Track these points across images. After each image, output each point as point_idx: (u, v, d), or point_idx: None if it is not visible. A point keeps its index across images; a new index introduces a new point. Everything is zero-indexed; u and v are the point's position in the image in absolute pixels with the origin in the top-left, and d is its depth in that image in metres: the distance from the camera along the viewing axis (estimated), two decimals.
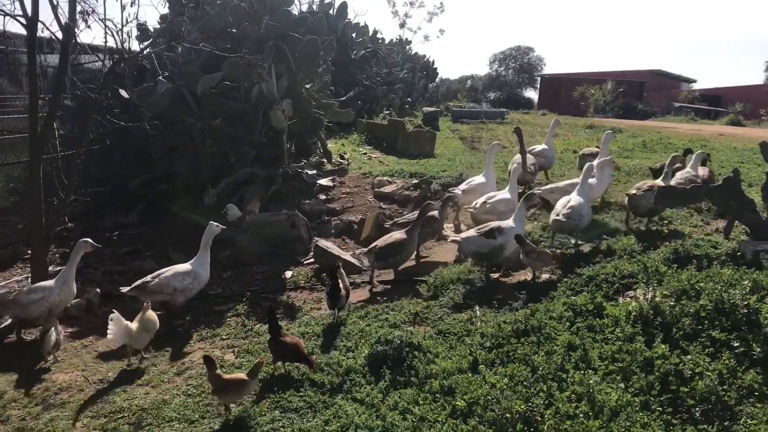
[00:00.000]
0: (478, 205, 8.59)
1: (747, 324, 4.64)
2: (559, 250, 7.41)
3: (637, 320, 5.04)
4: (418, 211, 7.92)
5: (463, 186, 9.79)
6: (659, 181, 7.82)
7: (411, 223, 7.89)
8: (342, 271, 6.66)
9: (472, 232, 7.15)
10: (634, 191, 7.77)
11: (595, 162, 8.99)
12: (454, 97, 49.51)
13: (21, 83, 9.95)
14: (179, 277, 6.82)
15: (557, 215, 7.48)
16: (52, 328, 6.11)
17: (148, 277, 6.79)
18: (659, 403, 4.12)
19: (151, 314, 5.99)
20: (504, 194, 8.55)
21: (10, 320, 6.81)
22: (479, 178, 9.68)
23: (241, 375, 4.81)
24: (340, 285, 6.32)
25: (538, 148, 11.30)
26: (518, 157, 10.32)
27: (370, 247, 7.69)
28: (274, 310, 5.53)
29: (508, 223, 7.09)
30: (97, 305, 7.67)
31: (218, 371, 4.76)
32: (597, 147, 10.60)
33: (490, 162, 9.79)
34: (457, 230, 9.28)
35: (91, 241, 6.96)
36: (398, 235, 7.62)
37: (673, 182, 8.08)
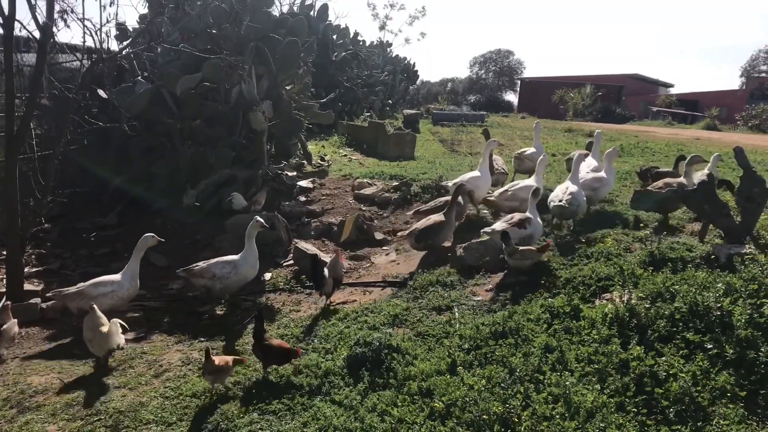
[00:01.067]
0: (498, 193, 8.88)
1: (720, 326, 4.71)
2: (548, 239, 7.53)
3: (613, 322, 5.10)
4: (447, 198, 8.56)
5: (457, 180, 9.90)
6: (682, 179, 7.94)
7: (433, 209, 8.56)
8: (336, 261, 7.01)
9: (503, 224, 7.37)
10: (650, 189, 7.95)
11: (606, 153, 9.06)
12: (435, 99, 49.62)
13: None
14: (220, 265, 7.09)
15: (559, 201, 7.73)
16: (12, 322, 6.09)
17: (197, 263, 7.18)
18: (634, 404, 4.17)
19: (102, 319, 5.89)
20: (529, 182, 8.79)
21: None
22: (474, 173, 9.83)
23: (228, 358, 5.09)
24: (325, 271, 6.74)
25: (528, 151, 11.36)
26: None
27: (410, 229, 8.24)
28: (262, 315, 5.51)
29: (532, 214, 7.39)
30: None
31: (213, 358, 4.92)
32: (587, 150, 10.68)
33: (486, 157, 9.95)
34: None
35: (155, 236, 7.12)
36: (437, 217, 8.05)
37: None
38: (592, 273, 6.20)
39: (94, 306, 5.90)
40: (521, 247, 6.73)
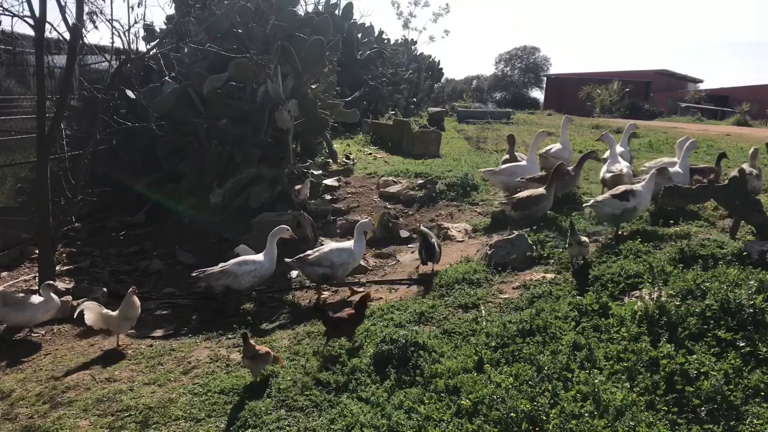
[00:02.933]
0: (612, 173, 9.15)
1: (753, 324, 4.63)
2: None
3: (642, 320, 5.04)
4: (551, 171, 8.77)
5: (504, 166, 10.29)
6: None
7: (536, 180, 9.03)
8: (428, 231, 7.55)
9: (607, 195, 7.51)
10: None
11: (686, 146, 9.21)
12: (460, 97, 49.50)
13: (28, 84, 10.03)
14: (337, 252, 7.39)
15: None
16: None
17: (309, 252, 7.50)
18: (665, 403, 4.12)
19: (133, 303, 6.48)
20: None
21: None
22: (521, 162, 10.21)
23: (267, 348, 5.29)
24: (433, 241, 7.31)
25: (555, 148, 11.28)
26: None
27: (510, 198, 8.62)
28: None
29: (639, 186, 7.46)
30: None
31: (252, 343, 5.15)
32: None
33: (533, 147, 10.30)
34: None
35: (289, 229, 7.60)
36: (538, 189, 8.42)
37: None
38: (620, 270, 6.13)
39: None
40: (583, 238, 6.79)
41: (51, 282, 6.92)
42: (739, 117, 32.55)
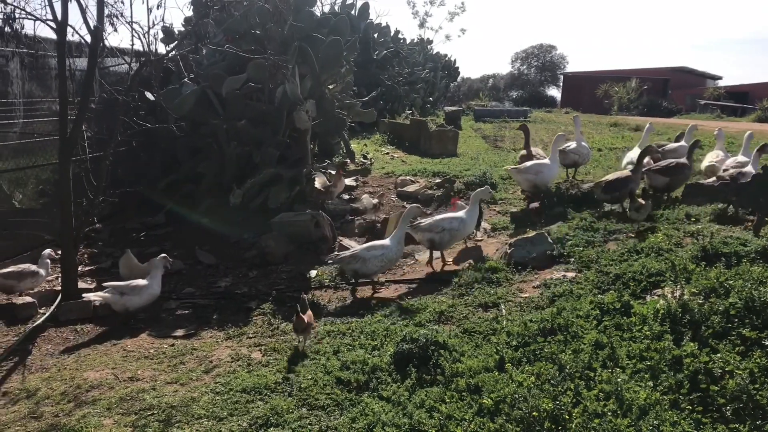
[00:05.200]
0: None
1: None
2: None
3: (665, 318, 4.99)
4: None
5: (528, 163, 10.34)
6: None
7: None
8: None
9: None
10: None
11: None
12: (476, 96, 49.36)
13: (50, 87, 10.12)
14: (448, 220, 7.84)
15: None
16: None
17: (422, 220, 8.01)
18: (689, 402, 4.08)
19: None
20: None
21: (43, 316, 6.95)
22: (544, 161, 10.38)
23: (310, 315, 5.90)
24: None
25: (572, 145, 11.25)
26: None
27: (597, 181, 8.87)
28: None
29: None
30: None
31: (302, 316, 5.67)
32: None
33: (555, 148, 10.39)
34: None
35: (420, 206, 8.10)
36: (624, 172, 8.74)
37: None
38: (642, 269, 6.08)
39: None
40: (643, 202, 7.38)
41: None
42: (759, 114, 32.21)
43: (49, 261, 7.84)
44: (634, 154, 10.65)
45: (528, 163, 10.19)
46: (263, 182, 10.89)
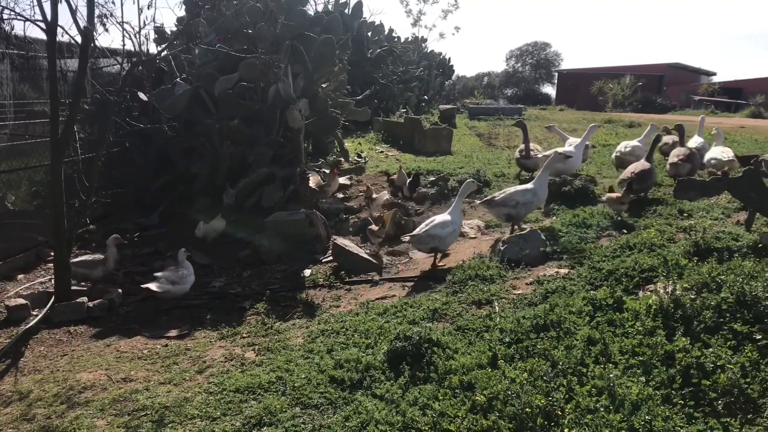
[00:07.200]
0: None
1: None
2: None
3: (657, 314, 5.00)
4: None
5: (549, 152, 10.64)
6: None
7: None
8: None
9: None
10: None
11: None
12: (471, 94, 49.40)
13: (41, 88, 10.09)
14: (521, 192, 8.12)
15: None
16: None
17: (495, 194, 8.38)
18: (681, 397, 4.09)
19: None
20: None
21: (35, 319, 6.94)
22: (569, 148, 10.85)
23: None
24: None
25: (571, 143, 11.46)
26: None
27: (623, 176, 8.96)
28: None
29: None
30: (119, 305, 7.75)
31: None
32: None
33: (585, 138, 11.07)
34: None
35: (475, 181, 8.56)
36: (643, 165, 8.91)
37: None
38: (635, 264, 6.10)
39: None
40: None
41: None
42: (753, 109, 32.30)
43: (115, 248, 8.22)
44: (628, 141, 11.21)
45: (554, 150, 10.41)
46: (257, 182, 10.87)
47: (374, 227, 9.49)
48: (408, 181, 11.31)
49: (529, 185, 8.27)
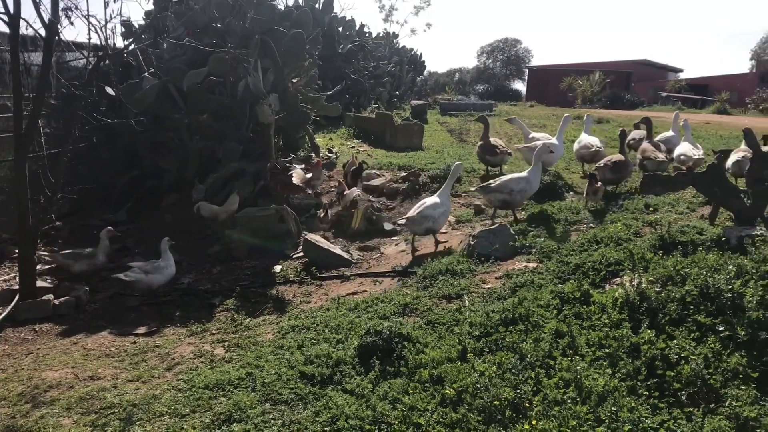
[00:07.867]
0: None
1: (732, 308, 4.68)
2: None
3: (623, 307, 5.08)
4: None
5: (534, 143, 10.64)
6: None
7: None
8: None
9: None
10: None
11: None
12: (442, 90, 49.44)
13: (5, 82, 9.90)
14: (515, 180, 8.31)
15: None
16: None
17: (491, 181, 8.58)
18: (646, 388, 4.16)
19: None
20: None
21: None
22: (553, 140, 11.09)
23: None
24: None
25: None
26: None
27: (605, 161, 9.06)
28: None
29: None
30: (86, 302, 7.65)
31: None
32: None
33: (562, 130, 11.58)
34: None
35: (461, 164, 9.05)
36: (617, 156, 9.10)
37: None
38: (602, 258, 6.17)
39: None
40: None
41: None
42: (718, 106, 32.86)
43: (108, 241, 8.50)
44: (584, 137, 11.50)
45: (534, 144, 10.40)
46: (226, 177, 10.79)
47: (321, 213, 9.93)
48: (353, 168, 11.55)
49: (524, 173, 8.44)
